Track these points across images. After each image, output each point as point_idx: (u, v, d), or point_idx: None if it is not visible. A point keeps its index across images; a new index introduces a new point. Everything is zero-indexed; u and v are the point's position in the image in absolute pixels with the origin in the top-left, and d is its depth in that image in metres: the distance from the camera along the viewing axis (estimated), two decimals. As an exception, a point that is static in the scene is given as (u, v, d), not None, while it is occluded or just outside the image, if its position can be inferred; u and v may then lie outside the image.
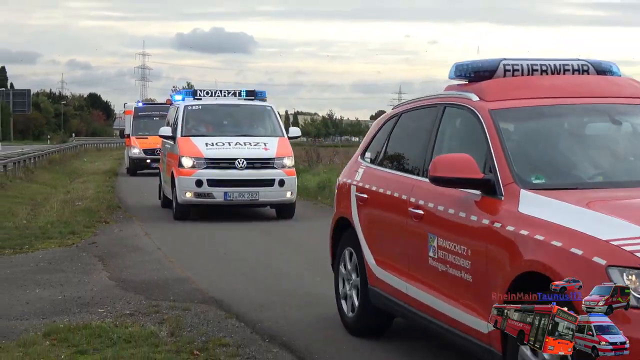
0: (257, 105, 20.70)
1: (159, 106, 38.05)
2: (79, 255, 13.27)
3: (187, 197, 17.94)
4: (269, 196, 18.25)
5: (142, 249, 14.10)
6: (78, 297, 10.09)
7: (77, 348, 7.69)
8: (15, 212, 19.31)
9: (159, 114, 35.94)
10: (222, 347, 7.74)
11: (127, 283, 10.97)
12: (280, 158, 18.50)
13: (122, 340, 7.91)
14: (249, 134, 19.37)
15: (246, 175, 18.09)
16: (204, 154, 18.10)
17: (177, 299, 9.89)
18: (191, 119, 19.65)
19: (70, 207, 20.59)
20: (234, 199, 17.97)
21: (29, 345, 7.76)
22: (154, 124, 34.34)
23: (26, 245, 14.25)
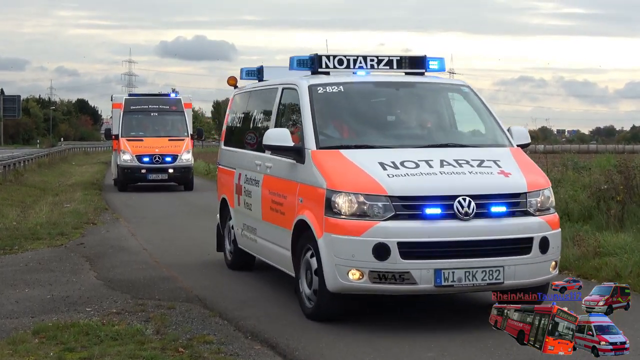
0: (444, 84, 10.63)
1: (158, 98, 30.80)
2: (68, 256, 13.21)
3: (352, 281, 8.19)
4: (522, 275, 8.28)
5: (128, 249, 14.06)
6: (66, 296, 10.04)
7: (65, 345, 7.66)
8: (5, 213, 19.20)
9: (157, 108, 29.65)
10: (206, 344, 7.73)
11: (114, 282, 10.92)
12: (535, 192, 8.66)
13: (109, 338, 7.88)
14: (452, 141, 9.74)
15: (477, 231, 8.28)
16: (387, 187, 8.29)
17: (163, 298, 9.86)
18: (329, 113, 9.81)
19: (59, 209, 20.51)
20: (456, 284, 8.12)
21: (18, 343, 7.73)
22: (152, 121, 29.51)
23: (16, 245, 14.19)
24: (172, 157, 28.04)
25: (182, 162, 28.20)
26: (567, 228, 12.76)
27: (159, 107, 29.65)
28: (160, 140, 28.49)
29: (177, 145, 28.40)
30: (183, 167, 28.22)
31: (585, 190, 15.00)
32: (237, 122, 11.98)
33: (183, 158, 28.30)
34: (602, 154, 28.10)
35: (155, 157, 27.79)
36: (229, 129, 12.33)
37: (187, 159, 28.50)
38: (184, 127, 29.33)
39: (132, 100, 30.01)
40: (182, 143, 28.61)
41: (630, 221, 12.97)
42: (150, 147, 28.05)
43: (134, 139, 28.50)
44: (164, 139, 28.60)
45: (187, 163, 28.39)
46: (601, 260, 11.09)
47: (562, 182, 15.96)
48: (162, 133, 29.05)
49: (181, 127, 29.33)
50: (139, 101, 29.98)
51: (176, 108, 29.77)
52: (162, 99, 30.47)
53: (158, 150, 28.02)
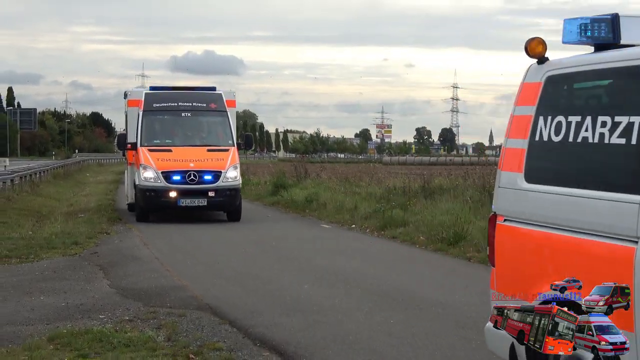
0: None
1: (191, 93, 21.76)
2: (82, 265, 13.23)
3: None
4: None
5: (140, 258, 14.07)
6: (80, 304, 10.05)
7: (79, 352, 7.66)
8: (22, 223, 19.24)
9: (190, 106, 21.14)
10: (215, 351, 7.73)
11: (126, 291, 10.93)
12: None
13: (122, 344, 7.89)
14: None
15: None
16: None
17: (174, 306, 9.86)
18: None
19: (74, 219, 20.54)
20: None
21: (33, 349, 7.73)
22: (183, 124, 21.40)
23: (32, 254, 14.21)
24: (213, 174, 19.86)
25: (227, 181, 20.04)
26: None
27: (193, 104, 21.11)
28: (195, 150, 20.51)
29: (220, 158, 20.32)
30: (228, 189, 19.97)
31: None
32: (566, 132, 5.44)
33: (229, 176, 19.93)
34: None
35: (190, 175, 19.73)
36: (538, 146, 5.80)
37: (234, 177, 20.08)
38: (227, 133, 21.10)
39: (156, 95, 21.37)
40: (226, 155, 20.45)
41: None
42: (182, 160, 20.03)
43: (159, 148, 20.41)
44: (200, 149, 20.60)
45: (233, 183, 20.13)
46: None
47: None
48: (197, 141, 21.19)
49: (224, 132, 21.20)
50: (166, 97, 21.34)
51: (216, 106, 21.31)
52: (197, 94, 21.65)
53: (194, 165, 19.96)
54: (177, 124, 21.37)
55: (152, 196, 19.75)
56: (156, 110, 20.99)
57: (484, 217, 16.02)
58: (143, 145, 20.32)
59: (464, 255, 13.78)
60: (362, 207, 20.67)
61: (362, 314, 9.36)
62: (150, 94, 21.33)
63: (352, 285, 11.28)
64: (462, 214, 16.38)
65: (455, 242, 14.68)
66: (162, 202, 19.84)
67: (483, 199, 17.74)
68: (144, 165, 19.89)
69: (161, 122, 21.42)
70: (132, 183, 21.22)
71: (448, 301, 10.05)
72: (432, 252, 14.71)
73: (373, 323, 8.91)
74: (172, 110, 21.09)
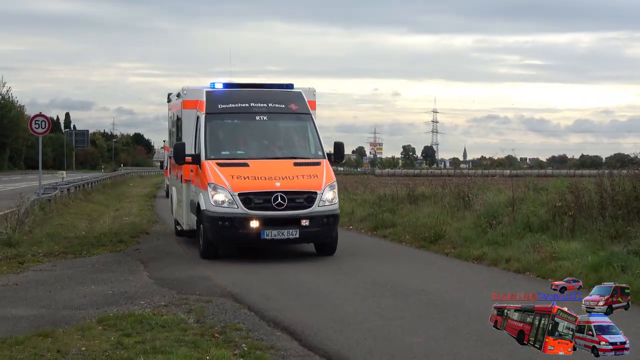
0: None
1: (265, 91, 14.25)
2: (126, 259, 13.22)
3: None
4: None
5: (174, 254, 14.04)
6: (124, 291, 10.04)
7: (123, 332, 7.65)
8: (76, 225, 19.24)
9: (265, 108, 13.81)
10: (236, 331, 7.71)
11: (162, 281, 10.92)
12: None
13: (159, 325, 7.88)
14: None
15: None
16: None
17: (202, 293, 9.85)
18: None
19: (119, 221, 20.53)
20: None
21: (85, 330, 7.74)
22: (259, 131, 13.81)
23: (84, 251, 14.20)
24: (306, 196, 12.72)
25: (324, 205, 12.85)
26: (529, 237, 12.72)
27: (269, 105, 13.87)
28: (279, 165, 13.24)
29: (313, 175, 13.09)
30: (326, 215, 12.83)
31: (543, 206, 14.91)
32: None
33: (326, 198, 12.85)
34: (557, 178, 28.03)
35: (277, 198, 12.49)
36: None
37: (332, 199, 12.95)
38: (315, 141, 13.87)
39: (222, 94, 14.01)
40: (319, 170, 13.24)
41: (580, 232, 12.89)
42: (264, 178, 12.74)
43: (232, 162, 13.08)
44: (285, 162, 13.31)
45: (332, 207, 12.97)
46: (556, 263, 11.02)
47: (524, 200, 15.87)
48: (279, 152, 13.79)
49: (310, 140, 13.96)
50: (234, 96, 14.01)
51: (297, 107, 14.09)
52: (273, 92, 14.24)
53: (280, 185, 12.63)
54: (251, 130, 13.71)
55: (225, 227, 12.36)
56: (223, 113, 13.58)
57: (459, 219, 16.00)
58: (209, 158, 12.92)
59: (443, 251, 13.75)
60: (358, 211, 20.59)
61: (357, 299, 9.33)
62: (213, 92, 13.83)
63: (349, 275, 11.24)
64: (441, 217, 16.33)
65: (435, 240, 14.64)
66: (239, 234, 12.40)
67: (458, 204, 17.68)
68: (214, 185, 12.43)
69: (230, 128, 13.75)
70: (191, 206, 13.98)
71: (429, 289, 10.02)
72: (416, 248, 14.67)
73: (366, 306, 8.88)
74: (243, 112, 13.63)
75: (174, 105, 16.35)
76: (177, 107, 15.46)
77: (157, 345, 7.06)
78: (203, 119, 13.46)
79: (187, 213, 14.59)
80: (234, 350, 6.93)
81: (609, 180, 13.85)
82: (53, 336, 7.50)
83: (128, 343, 7.21)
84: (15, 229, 16.22)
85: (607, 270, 10.01)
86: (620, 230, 12.19)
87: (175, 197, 16.19)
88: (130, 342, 7.23)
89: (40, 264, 12.68)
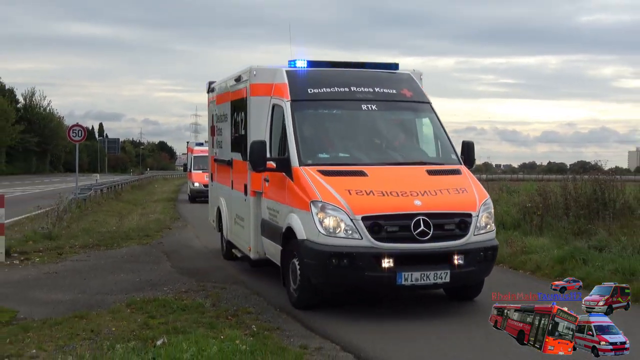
0: None
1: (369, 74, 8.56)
2: (151, 251, 13.19)
3: None
4: None
5: (193, 247, 14.02)
6: (150, 279, 10.03)
7: (149, 314, 7.64)
8: (108, 221, 19.22)
9: (372, 94, 8.27)
10: (247, 314, 7.70)
11: (183, 270, 10.90)
12: None
13: (180, 309, 7.87)
14: None
15: None
16: None
17: (217, 281, 9.83)
18: None
19: (146, 218, 20.51)
20: None
21: (115, 312, 7.73)
22: (370, 125, 8.29)
23: (115, 244, 14.18)
24: (458, 220, 7.23)
25: (480, 234, 7.39)
26: (502, 234, 12.70)
27: (376, 90, 8.46)
28: (408, 173, 7.81)
29: (461, 188, 7.67)
30: (484, 248, 7.32)
31: (515, 206, 14.91)
32: None
33: (482, 223, 7.36)
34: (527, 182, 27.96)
35: (419, 224, 7.00)
36: None
37: (488, 224, 7.45)
38: (444, 140, 8.58)
39: (310, 75, 8.61)
40: (465, 182, 7.85)
41: (547, 229, 12.89)
42: (395, 193, 7.24)
43: (340, 169, 7.71)
44: (415, 169, 7.92)
45: (489, 236, 7.51)
46: (526, 256, 11.00)
47: (499, 201, 15.86)
48: (398, 155, 8.30)
49: (439, 139, 8.63)
50: (328, 78, 8.55)
51: (412, 95, 8.76)
52: (379, 75, 8.78)
53: (422, 204, 7.12)
54: (357, 123, 8.54)
55: (342, 266, 7.20)
56: (316, 101, 8.50)
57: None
58: (305, 163, 7.90)
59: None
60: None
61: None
62: (297, 73, 8.74)
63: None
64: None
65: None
66: (362, 278, 7.20)
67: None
68: (323, 203, 7.33)
69: (328, 122, 8.69)
70: (266, 229, 8.94)
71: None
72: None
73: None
74: (343, 99, 8.52)
75: (222, 95, 11.25)
76: (235, 95, 10.14)
77: (178, 326, 7.05)
78: (288, 108, 8.27)
79: (255, 236, 9.31)
80: (245, 331, 6.90)
81: (572, 184, 13.87)
82: (87, 318, 7.49)
83: (153, 324, 7.20)
84: (55, 224, 16.24)
85: (570, 263, 10.01)
86: (582, 227, 12.20)
87: (226, 212, 11.12)
88: (155, 323, 7.22)
89: (77, 255, 12.66)
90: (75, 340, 6.63)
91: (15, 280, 9.93)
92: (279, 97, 8.65)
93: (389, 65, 9.20)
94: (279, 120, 8.52)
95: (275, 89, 8.84)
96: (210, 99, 12.48)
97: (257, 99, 9.14)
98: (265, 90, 9.03)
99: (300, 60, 8.83)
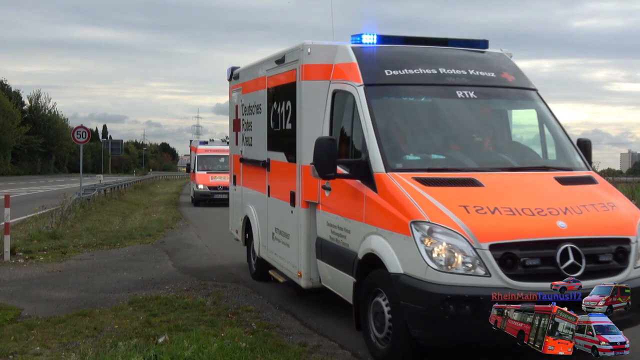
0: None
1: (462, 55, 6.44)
2: (153, 250, 13.22)
3: None
4: None
5: (195, 246, 14.03)
6: (152, 278, 10.05)
7: (151, 312, 7.67)
8: (111, 221, 19.24)
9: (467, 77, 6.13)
10: (248, 312, 7.72)
11: (185, 269, 10.92)
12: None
13: (181, 307, 7.89)
14: None
15: None
16: None
17: (218, 279, 9.85)
18: None
19: (148, 217, 20.53)
20: None
21: (118, 310, 7.75)
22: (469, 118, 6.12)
23: (118, 243, 14.21)
24: (615, 248, 5.05)
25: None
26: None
27: (470, 74, 6.26)
28: (533, 182, 5.60)
29: (607, 202, 5.50)
30: None
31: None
32: None
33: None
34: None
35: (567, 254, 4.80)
36: None
37: None
38: (561, 137, 6.38)
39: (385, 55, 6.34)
40: (606, 194, 5.71)
41: None
42: (529, 211, 5.01)
43: (443, 177, 5.44)
44: (540, 177, 5.72)
45: None
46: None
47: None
48: (511, 158, 6.04)
49: (555, 136, 6.38)
50: (411, 57, 6.29)
51: (514, 79, 6.53)
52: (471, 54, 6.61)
53: (567, 227, 4.95)
54: (452, 116, 6.24)
55: (462, 315, 4.68)
56: (397, 85, 6.15)
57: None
58: (393, 167, 5.64)
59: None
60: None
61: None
62: (367, 50, 6.51)
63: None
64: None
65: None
66: (489, 333, 4.30)
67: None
68: (430, 225, 5.01)
69: (415, 114, 6.26)
70: (327, 252, 6.77)
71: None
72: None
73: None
74: (432, 84, 6.19)
75: (252, 82, 9.06)
76: (275, 80, 7.97)
77: (179, 323, 7.07)
78: (362, 95, 6.17)
79: (307, 259, 7.23)
80: (245, 329, 6.93)
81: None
82: (91, 315, 7.51)
83: (155, 322, 7.22)
84: (59, 224, 16.27)
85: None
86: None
87: (258, 224, 9.06)
88: (157, 321, 7.24)
89: (80, 253, 12.69)
90: (79, 337, 6.66)
91: (20, 279, 9.96)
92: (344, 81, 6.48)
93: (476, 43, 7.02)
94: (345, 110, 6.43)
95: (337, 71, 6.70)
96: (232, 87, 10.14)
97: (312, 83, 6.90)
98: (324, 72, 6.84)
99: (367, 35, 6.63)
